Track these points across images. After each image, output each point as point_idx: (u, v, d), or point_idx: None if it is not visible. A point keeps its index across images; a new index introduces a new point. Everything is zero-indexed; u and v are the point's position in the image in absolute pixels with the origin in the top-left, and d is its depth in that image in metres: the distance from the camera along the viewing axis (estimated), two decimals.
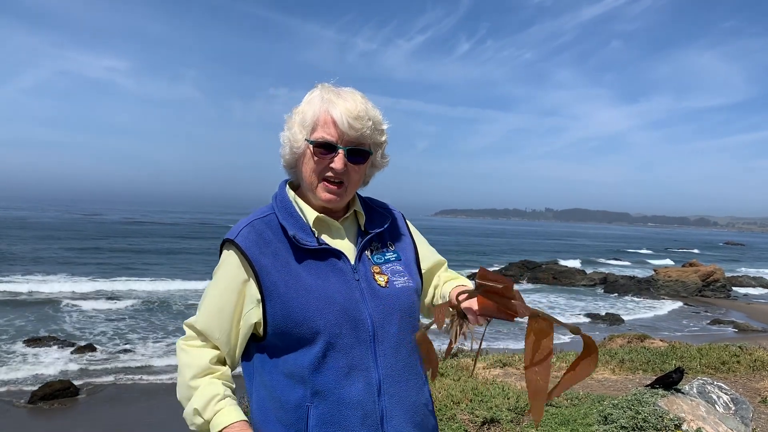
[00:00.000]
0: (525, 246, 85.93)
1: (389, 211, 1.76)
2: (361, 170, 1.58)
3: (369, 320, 1.52)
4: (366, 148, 1.56)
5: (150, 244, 53.57)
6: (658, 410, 4.56)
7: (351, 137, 1.51)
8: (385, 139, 1.62)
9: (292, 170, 1.65)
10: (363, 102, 1.54)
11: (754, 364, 7.29)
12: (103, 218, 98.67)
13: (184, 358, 1.54)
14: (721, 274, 35.96)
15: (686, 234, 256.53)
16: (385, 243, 1.68)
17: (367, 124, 1.52)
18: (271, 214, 1.59)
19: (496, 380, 6.60)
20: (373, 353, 1.51)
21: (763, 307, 30.31)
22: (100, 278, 30.55)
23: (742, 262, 68.73)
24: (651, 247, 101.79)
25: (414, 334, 1.46)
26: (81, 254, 41.56)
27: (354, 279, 1.55)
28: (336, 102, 1.51)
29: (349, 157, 1.53)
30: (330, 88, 1.56)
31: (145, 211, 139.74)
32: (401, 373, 1.55)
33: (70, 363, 14.73)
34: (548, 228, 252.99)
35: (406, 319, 1.58)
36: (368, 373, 1.50)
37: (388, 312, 1.55)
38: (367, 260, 1.61)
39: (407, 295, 1.60)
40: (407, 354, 1.57)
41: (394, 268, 1.63)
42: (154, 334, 18.50)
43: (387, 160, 1.68)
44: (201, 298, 1.59)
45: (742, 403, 5.06)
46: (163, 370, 14.48)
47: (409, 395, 1.57)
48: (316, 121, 1.52)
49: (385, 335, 1.53)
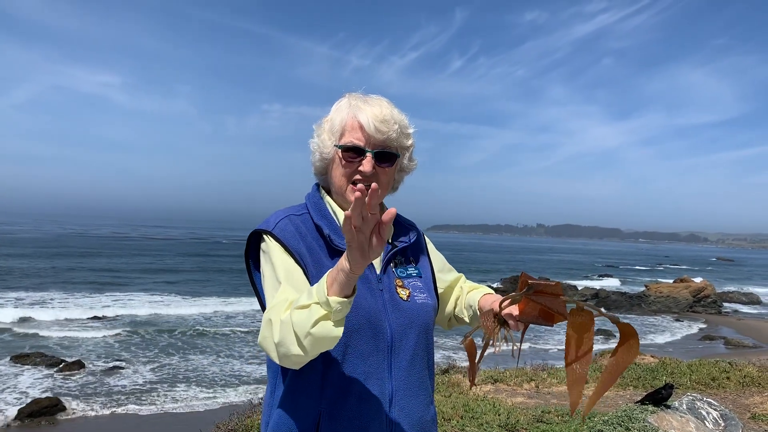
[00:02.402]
0: (517, 261, 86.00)
1: (414, 228, 1.80)
2: (390, 173, 1.61)
3: (389, 331, 1.54)
4: (393, 150, 1.59)
5: (140, 261, 53.24)
6: (648, 426, 4.57)
7: (378, 140, 1.55)
8: (412, 142, 1.66)
9: (323, 177, 1.69)
10: (389, 107, 1.58)
11: (743, 380, 7.31)
12: (95, 233, 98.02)
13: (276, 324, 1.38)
14: (711, 290, 36.08)
15: (677, 250, 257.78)
16: (408, 259, 1.71)
17: (393, 127, 1.56)
18: (306, 213, 1.63)
19: (486, 397, 6.58)
20: (388, 364, 1.54)
21: (753, 323, 30.40)
22: (89, 295, 30.31)
23: (733, 277, 69.04)
24: (642, 263, 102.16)
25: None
26: (69, 272, 41.25)
27: (378, 289, 1.57)
28: (363, 107, 1.56)
29: (377, 160, 1.56)
30: (357, 95, 1.61)
31: (137, 226, 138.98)
32: (412, 387, 1.58)
33: (58, 380, 14.56)
34: (540, 243, 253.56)
35: (423, 335, 1.61)
36: (382, 383, 1.52)
37: (408, 325, 1.57)
38: (392, 272, 1.64)
39: (426, 311, 1.63)
40: (420, 369, 1.60)
41: (415, 284, 1.66)
42: (144, 352, 18.33)
43: (415, 164, 1.71)
44: (262, 291, 1.55)
45: (731, 420, 5.07)
46: (153, 388, 14.33)
47: (418, 410, 1.59)
48: (344, 127, 1.56)
49: (402, 347, 1.56)
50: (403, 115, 1.62)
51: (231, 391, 14.04)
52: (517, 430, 5.37)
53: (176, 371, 15.80)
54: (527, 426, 5.48)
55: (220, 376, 15.57)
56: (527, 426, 5.48)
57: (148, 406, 12.83)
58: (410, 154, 1.68)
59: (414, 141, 1.67)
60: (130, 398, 13.36)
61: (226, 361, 17.30)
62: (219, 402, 13.16)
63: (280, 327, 1.35)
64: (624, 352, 1.17)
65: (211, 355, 17.95)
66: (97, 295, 30.21)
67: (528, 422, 5.56)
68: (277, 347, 1.35)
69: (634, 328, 1.18)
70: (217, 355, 18.11)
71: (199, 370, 16.03)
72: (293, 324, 1.33)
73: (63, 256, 52.48)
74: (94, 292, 31.52)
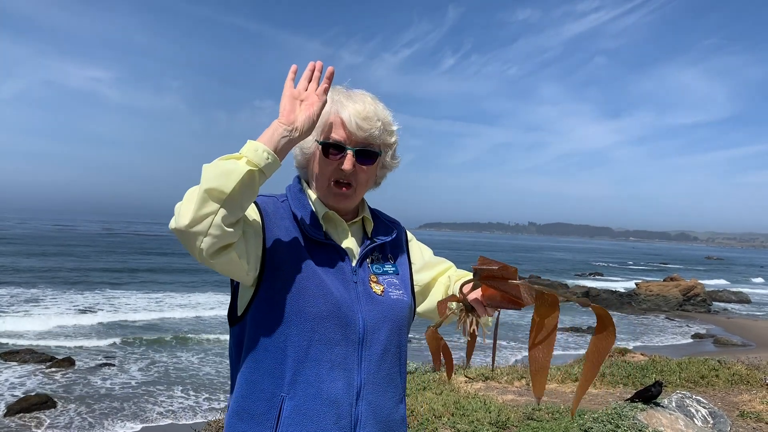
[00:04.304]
0: (508, 259, 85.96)
1: (396, 225, 1.78)
2: (371, 171, 1.60)
3: (361, 323, 1.52)
4: (375, 149, 1.57)
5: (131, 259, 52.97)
6: (638, 424, 4.60)
7: (359, 138, 1.53)
8: (396, 140, 1.63)
9: (304, 170, 1.67)
10: (372, 103, 1.55)
11: (732, 378, 7.37)
12: (85, 229, 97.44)
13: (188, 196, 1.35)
14: (701, 289, 36.34)
15: (667, 249, 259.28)
16: (386, 256, 1.69)
17: (375, 125, 1.53)
18: (286, 201, 1.62)
19: (478, 394, 6.61)
20: (358, 355, 1.51)
21: (742, 322, 30.64)
22: (80, 292, 30.16)
23: (722, 276, 69.53)
24: (633, 261, 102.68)
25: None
26: (59, 269, 40.99)
27: (352, 281, 1.56)
28: (345, 104, 1.53)
29: (357, 158, 1.54)
30: (341, 90, 1.58)
31: (127, 223, 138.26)
32: (381, 382, 1.54)
33: (48, 377, 14.48)
34: (531, 242, 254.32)
35: (395, 330, 1.58)
36: (350, 374, 1.49)
37: (381, 319, 1.55)
38: (367, 267, 1.62)
39: (401, 307, 1.61)
40: (390, 365, 1.57)
41: (390, 281, 1.64)
42: (134, 349, 18.26)
43: (398, 161, 1.69)
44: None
45: (720, 417, 5.12)
46: (144, 382, 14.29)
47: (386, 407, 1.55)
48: (326, 122, 1.54)
49: (374, 341, 1.53)
50: (388, 111, 1.60)
51: (222, 394, 14.02)
52: (507, 427, 5.40)
53: (167, 370, 15.76)
54: (518, 423, 5.51)
55: (215, 376, 15.55)
56: (518, 423, 5.51)
57: (139, 404, 12.79)
58: (393, 152, 1.66)
59: (398, 138, 1.64)
60: (119, 396, 13.31)
61: (219, 360, 17.25)
62: (212, 401, 13.15)
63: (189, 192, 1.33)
64: (603, 338, 1.15)
65: (199, 354, 17.89)
66: (88, 292, 30.03)
67: (518, 420, 5.58)
68: (178, 208, 1.32)
69: (605, 309, 1.16)
70: (205, 353, 18.06)
71: (190, 369, 15.99)
72: (202, 173, 1.30)
73: (52, 252, 52.11)
74: (85, 289, 31.33)
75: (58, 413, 11.96)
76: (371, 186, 1.67)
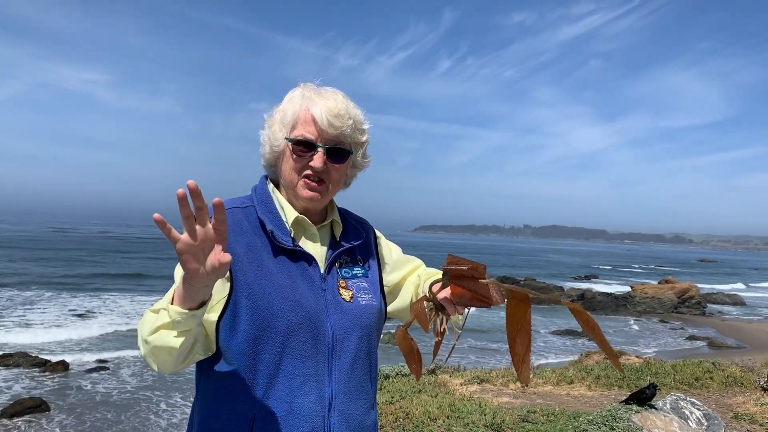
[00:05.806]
0: (504, 262, 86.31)
1: (365, 227, 1.74)
2: (341, 169, 1.56)
3: (330, 332, 1.49)
4: (346, 147, 1.54)
5: (127, 261, 52.79)
6: (632, 426, 4.61)
7: (330, 136, 1.49)
8: (367, 138, 1.60)
9: (272, 169, 1.63)
10: (344, 101, 1.52)
11: (726, 380, 7.38)
12: (80, 232, 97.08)
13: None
14: (696, 291, 36.47)
15: (662, 251, 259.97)
16: (355, 258, 1.65)
17: (347, 122, 1.50)
18: (251, 207, 1.56)
19: (473, 396, 6.61)
20: (328, 366, 1.48)
21: (736, 324, 30.75)
22: (75, 295, 30.02)
23: (717, 279, 69.75)
24: (628, 263, 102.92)
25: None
26: (54, 272, 40.82)
27: (321, 288, 1.52)
28: (316, 100, 1.50)
29: (328, 156, 1.51)
30: (312, 87, 1.55)
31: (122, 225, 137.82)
32: (353, 391, 1.52)
33: (42, 380, 14.41)
34: (527, 244, 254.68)
35: (365, 337, 1.56)
36: (321, 386, 1.47)
37: (350, 327, 1.52)
38: (336, 272, 1.58)
39: (370, 313, 1.58)
40: (361, 373, 1.55)
41: (359, 285, 1.60)
42: (129, 353, 18.19)
43: (368, 161, 1.66)
44: None
45: (714, 419, 5.13)
46: (138, 389, 14.23)
47: (358, 415, 1.54)
48: (296, 120, 1.51)
49: (344, 350, 1.51)
50: (359, 110, 1.57)
51: None
52: (502, 429, 5.40)
53: (162, 375, 15.67)
54: (513, 426, 5.51)
55: None
56: (513, 426, 5.51)
57: (132, 407, 12.74)
58: (364, 151, 1.62)
59: (369, 137, 1.61)
60: (114, 401, 13.26)
61: None
62: None
63: (139, 325, 1.37)
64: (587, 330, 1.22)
65: None
66: (82, 295, 29.94)
67: (514, 422, 5.58)
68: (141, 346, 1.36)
69: (577, 303, 1.26)
70: None
71: (186, 374, 15.93)
72: (140, 325, 1.36)
73: (47, 255, 51.93)
74: (79, 291, 31.24)
75: (52, 417, 11.91)
76: (341, 187, 1.63)
